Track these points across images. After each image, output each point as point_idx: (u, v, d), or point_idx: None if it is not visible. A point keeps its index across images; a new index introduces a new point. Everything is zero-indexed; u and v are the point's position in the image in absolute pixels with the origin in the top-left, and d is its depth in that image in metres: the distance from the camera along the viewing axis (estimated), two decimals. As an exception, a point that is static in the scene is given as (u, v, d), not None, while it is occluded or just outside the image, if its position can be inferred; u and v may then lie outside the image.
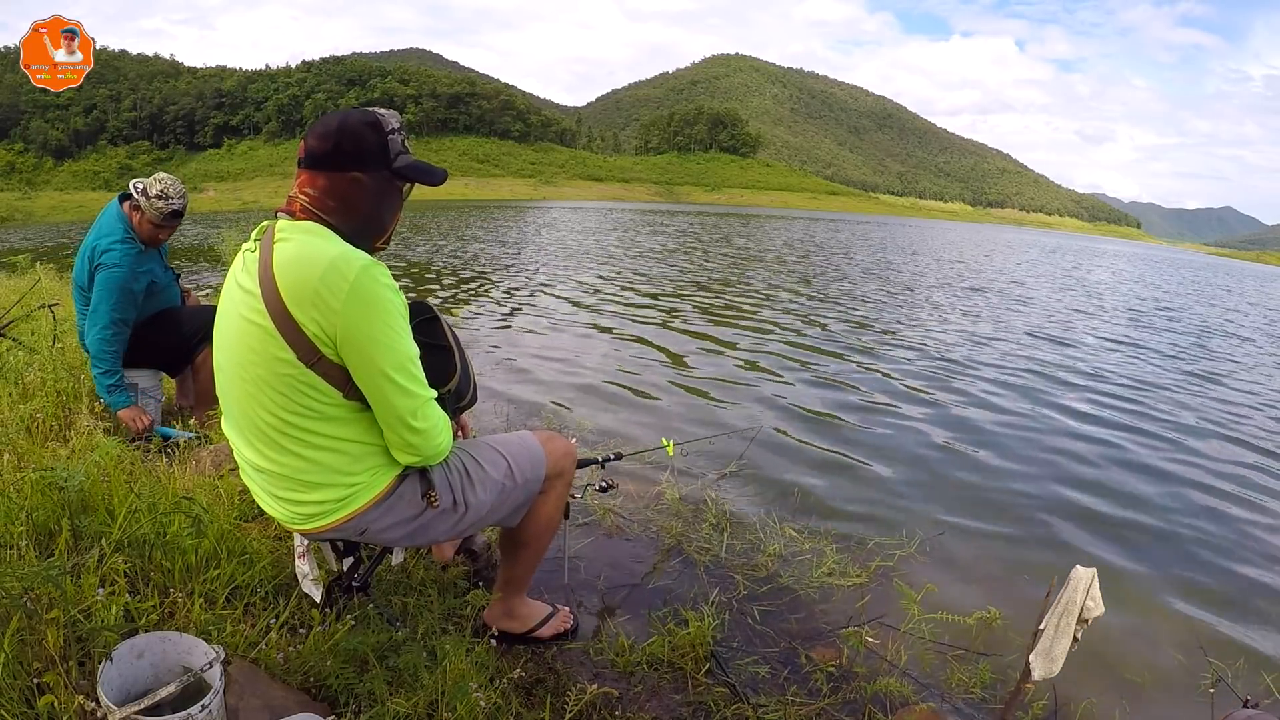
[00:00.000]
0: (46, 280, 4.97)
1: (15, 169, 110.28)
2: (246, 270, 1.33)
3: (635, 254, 16.01)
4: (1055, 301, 12.27)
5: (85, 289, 2.73)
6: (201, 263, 11.50)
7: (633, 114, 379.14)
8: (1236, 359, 8.16)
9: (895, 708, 1.82)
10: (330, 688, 1.48)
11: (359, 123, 1.34)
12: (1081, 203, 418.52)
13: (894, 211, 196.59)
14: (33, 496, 1.73)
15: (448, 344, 1.59)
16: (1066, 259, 29.34)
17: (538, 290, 9.57)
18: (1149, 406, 5.40)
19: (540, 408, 4.28)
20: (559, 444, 1.75)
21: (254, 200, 43.46)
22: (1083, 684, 2.03)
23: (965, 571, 2.70)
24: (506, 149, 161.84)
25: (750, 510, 2.99)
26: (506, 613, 1.86)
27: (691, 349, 6.32)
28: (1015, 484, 3.63)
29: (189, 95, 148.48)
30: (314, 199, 1.34)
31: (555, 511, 1.76)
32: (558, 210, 48.39)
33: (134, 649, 1.30)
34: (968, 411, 4.87)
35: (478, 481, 1.55)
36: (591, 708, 1.66)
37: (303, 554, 1.64)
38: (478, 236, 19.55)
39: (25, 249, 12.36)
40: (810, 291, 11.09)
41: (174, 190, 2.70)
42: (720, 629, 2.04)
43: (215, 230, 14.98)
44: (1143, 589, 2.70)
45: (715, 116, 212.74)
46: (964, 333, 8.10)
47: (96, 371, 2.70)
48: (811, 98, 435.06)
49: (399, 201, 1.43)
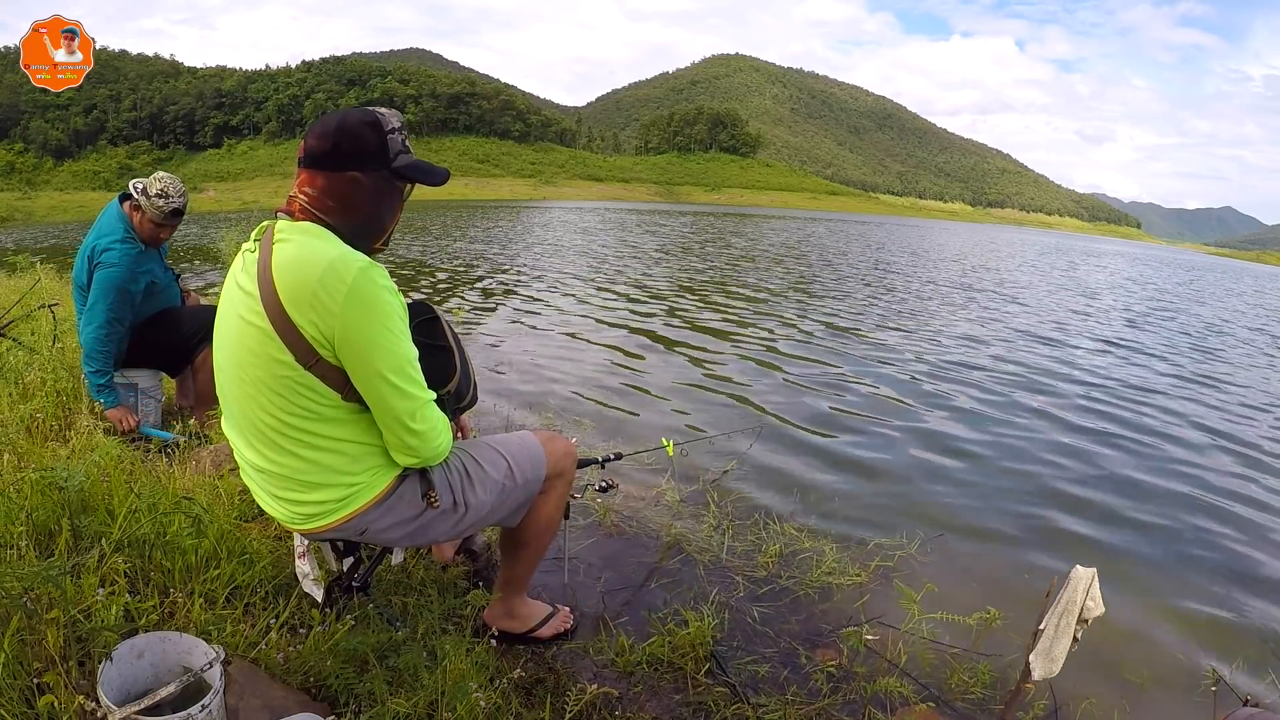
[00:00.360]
0: (46, 280, 4.97)
1: (15, 169, 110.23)
2: (246, 271, 1.33)
3: (634, 254, 16.01)
4: (1054, 303, 12.27)
5: (85, 288, 2.73)
6: (202, 263, 11.51)
7: (633, 114, 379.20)
8: (1237, 360, 8.16)
9: (895, 708, 1.82)
10: (330, 688, 1.48)
11: (358, 122, 1.33)
12: (1081, 203, 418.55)
13: (894, 211, 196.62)
14: (33, 496, 1.73)
15: (448, 344, 1.59)
16: (1067, 259, 29.33)
17: (536, 291, 9.57)
18: (1149, 408, 5.40)
19: (540, 408, 4.28)
20: (559, 444, 1.74)
21: (254, 200, 43.49)
22: (1083, 684, 2.02)
23: (965, 571, 2.70)
24: (506, 149, 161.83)
25: (750, 510, 2.99)
26: (506, 612, 1.86)
27: (691, 349, 6.31)
28: (1015, 484, 3.63)
29: (189, 95, 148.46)
30: (313, 199, 1.33)
31: (555, 511, 1.76)
32: (557, 210, 48.40)
33: (134, 649, 1.30)
34: (968, 412, 4.86)
35: (478, 482, 1.54)
36: (591, 708, 1.66)
37: (303, 554, 1.64)
38: (475, 237, 19.56)
39: (25, 249, 12.36)
40: (810, 292, 11.10)
41: (174, 189, 2.70)
42: (720, 629, 2.04)
43: (215, 230, 14.97)
44: (1143, 589, 2.70)
45: (715, 116, 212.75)
46: (964, 334, 8.10)
47: (88, 369, 2.70)
48: (811, 98, 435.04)
49: (399, 202, 1.43)
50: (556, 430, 3.70)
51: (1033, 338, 8.11)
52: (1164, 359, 7.60)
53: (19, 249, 12.50)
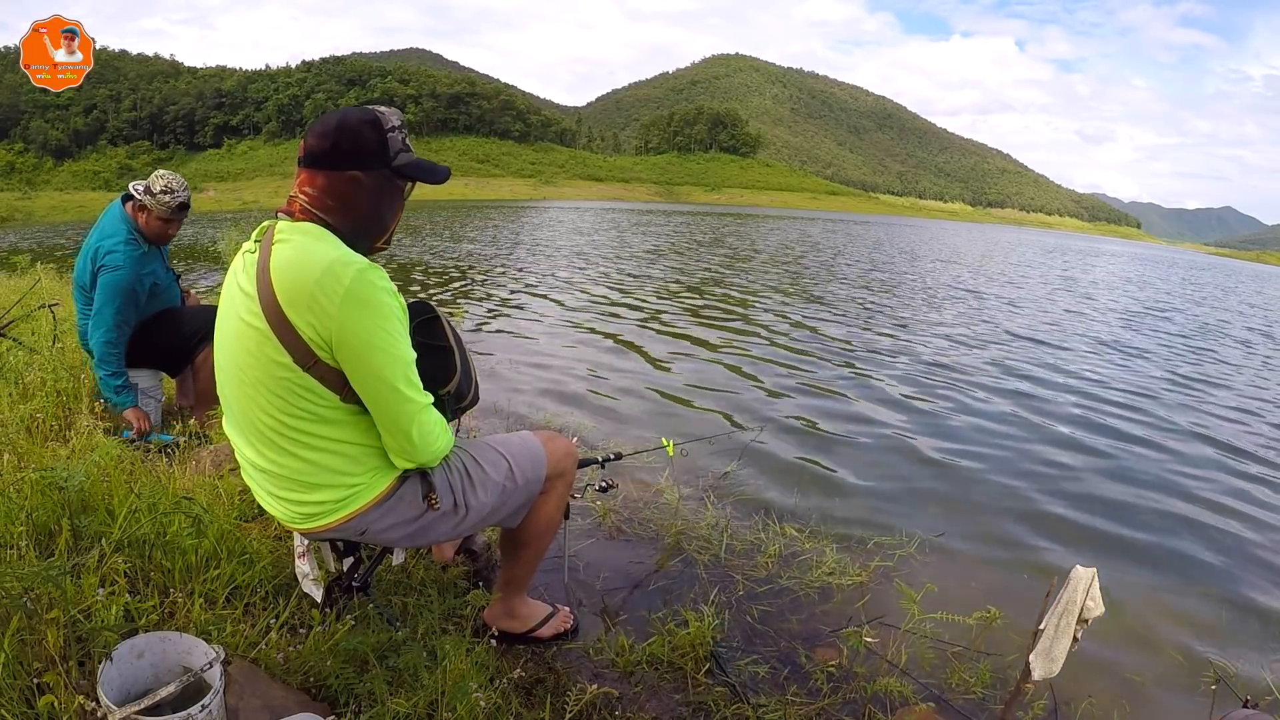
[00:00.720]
0: (46, 280, 4.97)
1: (15, 169, 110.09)
2: (245, 272, 1.33)
3: (633, 254, 16.01)
4: (1053, 303, 12.28)
5: (87, 289, 2.73)
6: (202, 263, 11.50)
7: (633, 114, 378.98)
8: (1236, 361, 8.16)
9: (895, 708, 1.82)
10: (330, 688, 1.48)
11: (358, 121, 1.33)
12: (1081, 203, 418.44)
13: (894, 211, 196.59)
14: (33, 496, 1.73)
15: (448, 344, 1.58)
16: (1067, 259, 29.32)
17: (535, 291, 9.57)
18: (1149, 409, 5.40)
19: (539, 408, 4.28)
20: (560, 444, 1.74)
21: (254, 200, 43.46)
22: (1083, 684, 2.03)
23: (965, 571, 2.70)
24: (506, 149, 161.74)
25: (750, 510, 2.99)
26: (507, 612, 1.85)
27: (691, 350, 6.32)
28: (1016, 484, 3.63)
29: (189, 95, 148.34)
30: (313, 198, 1.33)
31: (556, 512, 1.76)
32: (556, 210, 48.38)
33: (134, 649, 1.30)
34: (968, 412, 4.86)
35: (478, 483, 1.54)
36: (591, 708, 1.66)
37: (303, 554, 1.64)
38: (474, 237, 19.55)
39: (22, 251, 12.36)
40: (809, 294, 11.10)
41: (176, 183, 2.72)
42: (720, 629, 2.04)
43: (215, 230, 14.98)
44: (1143, 589, 2.70)
45: (715, 116, 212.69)
46: (964, 335, 8.11)
47: (103, 373, 2.70)
48: (811, 98, 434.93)
49: (400, 201, 1.42)
50: (557, 430, 3.70)
51: (1033, 338, 8.12)
52: (1163, 360, 7.61)
53: (15, 249, 12.49)
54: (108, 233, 2.69)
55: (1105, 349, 7.89)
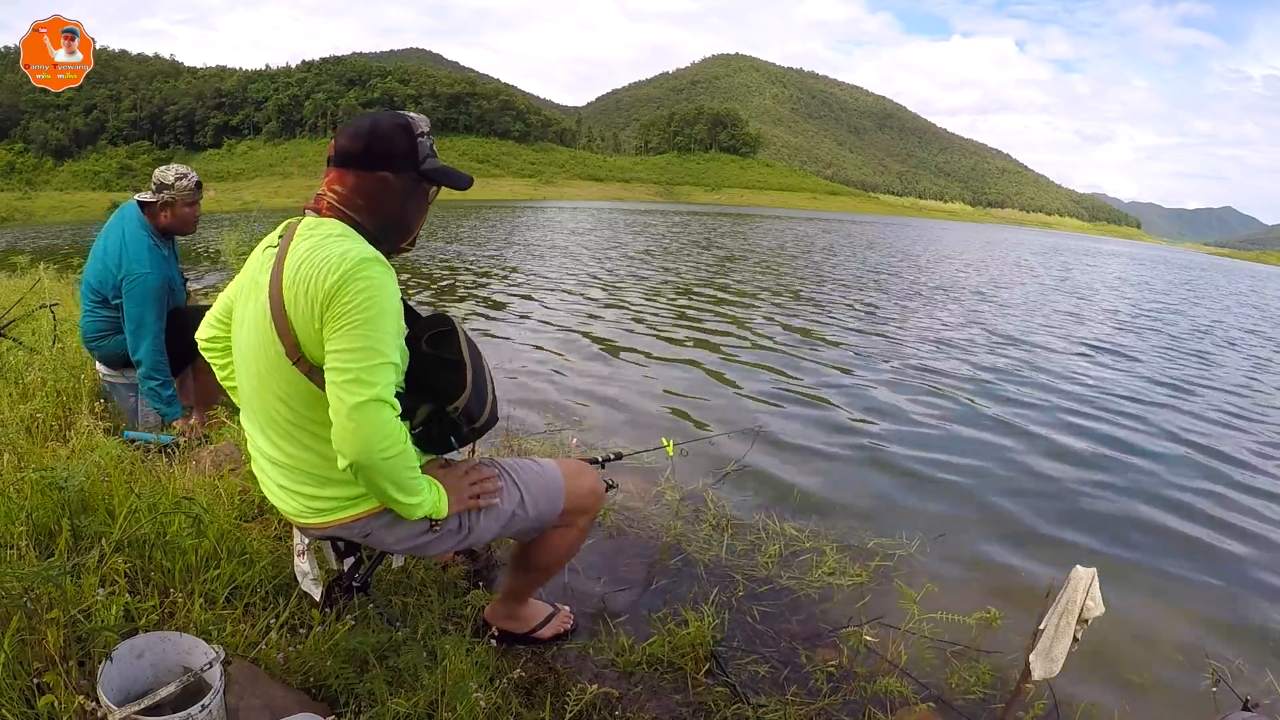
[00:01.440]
0: (46, 280, 4.97)
1: (15, 169, 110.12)
2: (264, 266, 1.36)
3: (633, 254, 16.01)
4: (1052, 304, 12.27)
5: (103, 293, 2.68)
6: (202, 263, 11.50)
7: (633, 114, 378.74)
8: (1236, 362, 8.16)
9: (895, 708, 1.82)
10: (330, 688, 1.48)
11: (391, 125, 1.36)
12: (1081, 203, 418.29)
13: (894, 211, 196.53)
14: (33, 496, 1.73)
15: (461, 359, 1.45)
16: (1067, 260, 29.31)
17: (534, 292, 9.57)
18: (1150, 410, 5.40)
19: (539, 407, 4.28)
20: (585, 482, 1.69)
21: (254, 200, 43.36)
22: (1083, 684, 2.03)
23: (965, 571, 2.70)
24: (506, 149, 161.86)
25: (750, 510, 2.99)
26: (507, 613, 1.86)
27: (692, 350, 6.32)
28: (1015, 484, 3.63)
29: (189, 95, 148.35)
30: (342, 196, 1.36)
31: (571, 546, 1.74)
32: (553, 210, 48.36)
33: (134, 649, 1.29)
34: (968, 413, 4.87)
35: (486, 509, 1.53)
36: (591, 708, 1.66)
37: (302, 552, 1.64)
38: (471, 237, 19.54)
39: (25, 249, 12.36)
40: (809, 295, 11.10)
41: (183, 168, 2.76)
42: (720, 629, 2.04)
43: (215, 230, 14.97)
44: (1143, 589, 2.70)
45: (715, 116, 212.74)
46: (965, 335, 8.11)
47: (154, 384, 2.67)
48: (811, 98, 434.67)
49: (424, 204, 1.45)
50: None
51: (1033, 339, 8.12)
52: (1163, 361, 7.61)
53: (15, 249, 12.49)
54: (132, 238, 2.65)
55: (1110, 350, 7.90)
